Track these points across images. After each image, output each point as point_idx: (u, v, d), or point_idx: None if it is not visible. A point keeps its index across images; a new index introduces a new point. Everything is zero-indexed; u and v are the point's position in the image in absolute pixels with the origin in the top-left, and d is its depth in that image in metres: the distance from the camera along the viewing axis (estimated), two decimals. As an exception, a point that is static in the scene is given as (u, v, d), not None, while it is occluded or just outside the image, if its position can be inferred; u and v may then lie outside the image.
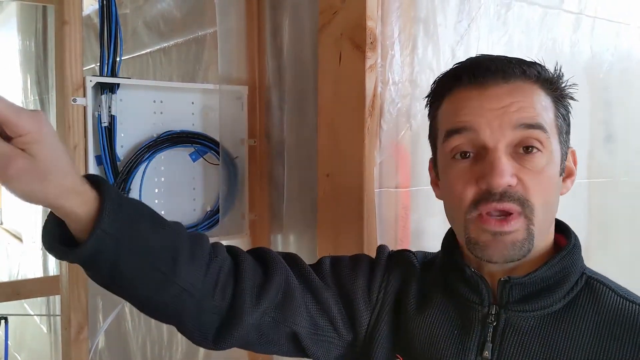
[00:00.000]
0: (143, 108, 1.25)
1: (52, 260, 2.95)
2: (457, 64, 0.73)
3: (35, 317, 3.30)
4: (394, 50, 1.07)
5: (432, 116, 0.76)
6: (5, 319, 2.62)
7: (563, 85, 0.71)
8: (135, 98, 1.23)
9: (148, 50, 1.90)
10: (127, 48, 1.89)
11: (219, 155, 1.31)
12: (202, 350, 1.68)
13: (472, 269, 0.71)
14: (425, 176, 1.13)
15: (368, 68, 1.01)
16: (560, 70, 0.72)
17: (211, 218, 1.31)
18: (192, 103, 1.31)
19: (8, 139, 0.55)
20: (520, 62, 0.70)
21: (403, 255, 0.84)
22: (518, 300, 0.69)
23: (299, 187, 1.28)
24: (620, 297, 0.67)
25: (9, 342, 2.79)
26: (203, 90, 1.33)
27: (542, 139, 0.66)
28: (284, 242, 1.37)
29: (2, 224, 4.18)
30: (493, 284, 0.70)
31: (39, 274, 3.12)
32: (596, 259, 1.48)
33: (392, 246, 0.93)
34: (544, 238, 0.70)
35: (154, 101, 1.26)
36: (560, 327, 0.67)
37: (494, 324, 0.69)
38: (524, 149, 0.66)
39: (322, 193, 1.13)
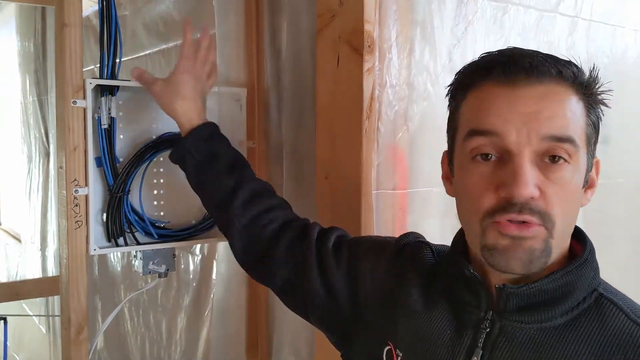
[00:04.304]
0: (142, 110, 1.25)
1: (51, 260, 2.96)
2: (484, 54, 0.67)
3: (34, 317, 3.30)
4: (391, 53, 1.08)
5: (454, 108, 0.71)
6: (5, 319, 2.62)
7: (597, 89, 0.66)
8: (134, 100, 1.23)
9: (147, 52, 1.91)
10: (126, 50, 1.89)
11: (217, 156, 1.32)
12: (201, 348, 1.69)
13: (471, 270, 0.68)
14: (422, 178, 1.15)
15: (366, 71, 1.02)
16: (597, 74, 0.66)
17: (210, 219, 1.32)
18: (191, 105, 1.31)
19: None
20: (556, 60, 0.64)
21: (415, 250, 0.82)
22: (516, 309, 0.65)
23: (298, 188, 1.29)
24: (630, 320, 0.63)
25: (7, 343, 2.80)
26: (202, 92, 1.34)
27: (570, 152, 0.62)
28: (283, 243, 1.37)
29: (0, 224, 4.18)
30: (493, 289, 0.67)
31: (37, 274, 3.13)
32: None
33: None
34: (560, 250, 0.66)
35: (154, 103, 1.27)
36: (558, 344, 0.63)
37: (488, 329, 0.67)
38: (550, 159, 0.62)
39: (320, 194, 1.14)
